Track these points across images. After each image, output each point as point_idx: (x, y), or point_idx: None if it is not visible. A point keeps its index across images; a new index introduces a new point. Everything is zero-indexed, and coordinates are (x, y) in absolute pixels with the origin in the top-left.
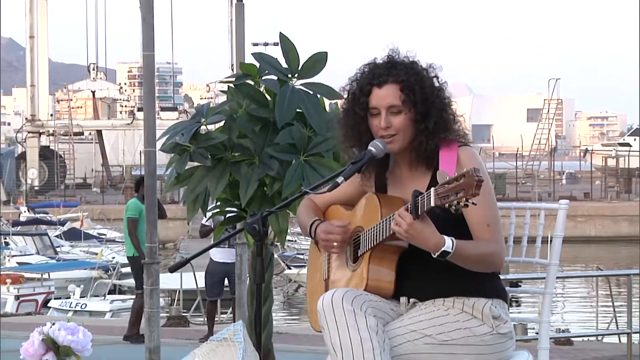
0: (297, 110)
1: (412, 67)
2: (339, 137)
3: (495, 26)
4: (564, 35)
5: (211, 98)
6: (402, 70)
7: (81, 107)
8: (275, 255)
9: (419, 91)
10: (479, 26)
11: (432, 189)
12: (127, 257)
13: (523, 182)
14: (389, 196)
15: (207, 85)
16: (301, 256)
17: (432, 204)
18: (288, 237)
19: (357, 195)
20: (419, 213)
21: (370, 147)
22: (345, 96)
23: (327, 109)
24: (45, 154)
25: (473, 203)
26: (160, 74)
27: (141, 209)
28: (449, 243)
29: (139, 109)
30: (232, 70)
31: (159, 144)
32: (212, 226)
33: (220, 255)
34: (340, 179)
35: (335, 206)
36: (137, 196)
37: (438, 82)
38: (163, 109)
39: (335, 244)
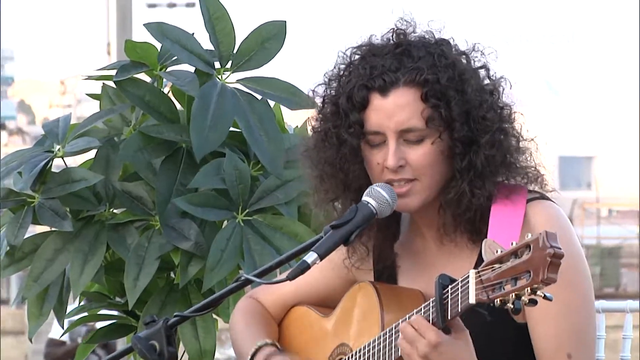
0: (232, 129)
1: (441, 54)
2: (311, 180)
3: None
4: None
5: (70, 107)
6: (422, 61)
7: None
8: None
9: (457, 99)
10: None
11: (472, 272)
12: None
13: None
14: (397, 288)
15: (62, 83)
16: None
17: (472, 301)
18: None
19: (341, 285)
20: (449, 318)
21: (366, 199)
22: (319, 107)
23: (288, 127)
24: None
25: (544, 297)
26: None
27: None
28: None
29: None
30: (110, 54)
31: None
32: (69, 342)
33: None
34: (311, 257)
35: (301, 309)
36: None
37: (489, 77)
38: None
39: None
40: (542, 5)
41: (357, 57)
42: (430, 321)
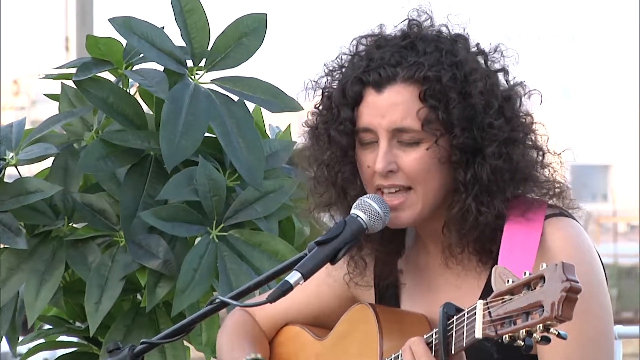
0: (206, 135)
1: (450, 51)
2: (307, 183)
3: None
4: None
5: (23, 109)
6: (427, 57)
7: None
8: None
9: (459, 102)
10: None
11: (480, 304)
12: None
13: None
14: (399, 312)
15: (15, 83)
16: None
17: (478, 336)
18: None
19: (339, 304)
20: (452, 352)
21: (356, 212)
22: (315, 104)
23: (269, 132)
24: None
25: (558, 335)
26: None
27: None
28: None
29: None
30: (68, 50)
31: None
32: None
33: None
34: (294, 277)
35: (294, 328)
36: None
37: (506, 81)
38: None
39: None
40: (559, 3)
41: (360, 47)
42: (433, 353)
